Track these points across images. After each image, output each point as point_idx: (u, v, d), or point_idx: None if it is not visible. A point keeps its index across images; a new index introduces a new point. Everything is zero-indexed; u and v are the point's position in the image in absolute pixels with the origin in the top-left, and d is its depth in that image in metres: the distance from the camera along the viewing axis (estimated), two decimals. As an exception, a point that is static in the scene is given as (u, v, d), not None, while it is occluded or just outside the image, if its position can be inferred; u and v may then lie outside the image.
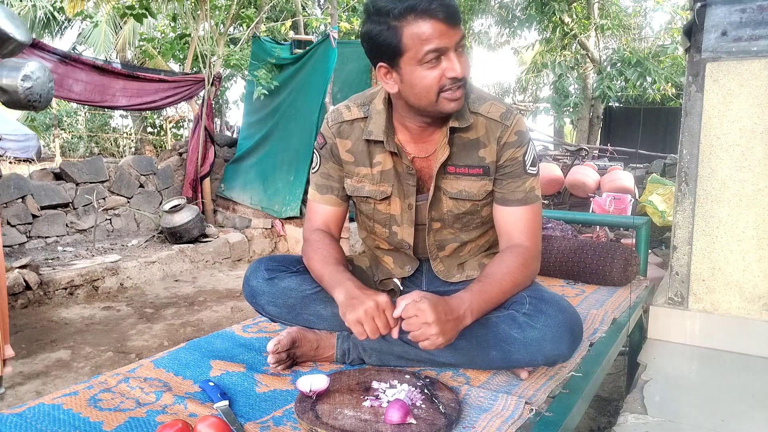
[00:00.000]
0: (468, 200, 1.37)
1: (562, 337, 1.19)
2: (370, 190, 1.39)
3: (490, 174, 1.35)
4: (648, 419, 1.51)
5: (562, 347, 1.19)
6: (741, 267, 1.96)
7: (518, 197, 1.34)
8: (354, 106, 1.39)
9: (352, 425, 1.02)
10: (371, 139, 1.34)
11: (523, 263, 1.28)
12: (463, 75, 1.20)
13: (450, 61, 1.18)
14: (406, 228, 1.41)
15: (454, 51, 1.18)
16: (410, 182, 1.37)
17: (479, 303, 1.19)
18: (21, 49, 2.66)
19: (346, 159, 1.40)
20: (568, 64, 10.19)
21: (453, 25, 1.16)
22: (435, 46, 1.16)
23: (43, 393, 2.52)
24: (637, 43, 11.54)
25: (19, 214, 4.73)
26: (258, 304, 1.42)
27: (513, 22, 11.50)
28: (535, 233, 1.34)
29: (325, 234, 1.42)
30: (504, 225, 1.36)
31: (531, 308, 1.22)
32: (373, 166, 1.38)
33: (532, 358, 1.21)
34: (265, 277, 1.39)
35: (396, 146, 1.33)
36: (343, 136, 1.39)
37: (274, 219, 5.76)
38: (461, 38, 1.19)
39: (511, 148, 1.33)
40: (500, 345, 1.21)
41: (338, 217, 1.46)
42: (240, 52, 6.55)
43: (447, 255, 1.47)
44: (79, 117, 13.09)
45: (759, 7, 1.87)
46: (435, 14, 1.14)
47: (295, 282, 1.39)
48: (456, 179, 1.36)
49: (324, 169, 1.44)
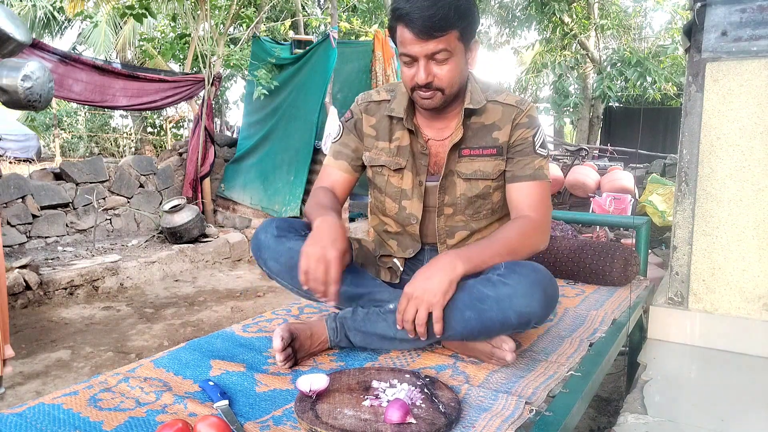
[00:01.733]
0: (482, 179, 1.45)
1: (534, 293, 1.21)
2: (386, 160, 1.50)
3: (503, 154, 1.44)
4: (648, 419, 1.51)
5: (533, 304, 1.21)
6: (741, 267, 1.96)
7: (528, 173, 1.42)
8: (383, 90, 1.55)
9: (352, 425, 1.02)
10: (393, 115, 1.47)
11: (524, 232, 1.35)
12: (431, 83, 1.31)
13: (418, 68, 1.30)
14: (416, 203, 1.49)
15: (428, 60, 1.28)
16: (423, 162, 1.47)
17: (467, 251, 1.27)
18: (21, 49, 2.67)
19: (369, 133, 1.53)
20: (568, 64, 10.20)
21: (426, 37, 1.25)
22: (406, 51, 1.30)
23: (43, 393, 2.52)
24: (637, 43, 11.54)
25: (19, 214, 4.73)
26: (261, 258, 1.45)
27: (513, 22, 11.51)
28: (540, 207, 1.41)
29: (329, 191, 1.52)
30: (513, 200, 1.44)
31: (505, 270, 1.26)
32: (392, 141, 1.50)
33: (505, 316, 1.22)
34: (274, 234, 1.43)
35: (414, 125, 1.45)
36: (370, 113, 1.53)
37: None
38: (438, 51, 1.27)
39: (523, 128, 1.43)
40: (474, 304, 1.23)
41: (345, 182, 1.56)
42: (240, 52, 6.55)
43: (455, 243, 1.50)
44: (79, 117, 13.09)
45: (759, 7, 1.87)
46: (410, 24, 1.25)
47: (300, 245, 1.41)
48: (471, 161, 1.45)
49: (344, 140, 1.56)
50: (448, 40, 1.26)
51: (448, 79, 1.31)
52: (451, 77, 1.32)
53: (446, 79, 1.31)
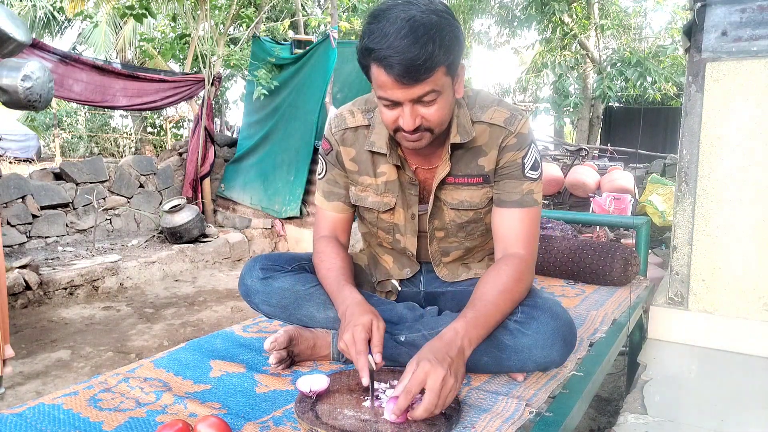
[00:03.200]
0: (470, 209, 1.36)
1: (553, 344, 1.18)
2: (374, 201, 1.39)
3: (491, 181, 1.33)
4: (648, 419, 1.51)
5: (553, 354, 1.18)
6: (741, 267, 1.96)
7: (514, 198, 1.30)
8: (358, 111, 1.37)
9: (352, 425, 1.02)
10: (374, 150, 1.33)
11: (519, 278, 1.23)
12: (419, 126, 1.15)
13: (403, 113, 1.13)
14: (410, 238, 1.42)
15: (414, 104, 1.12)
16: (413, 192, 1.36)
17: (476, 331, 1.12)
18: (21, 49, 2.66)
19: (350, 168, 1.40)
20: (568, 64, 10.20)
21: (409, 83, 1.07)
22: (386, 96, 1.12)
23: (43, 393, 2.52)
24: (637, 43, 11.53)
25: (19, 214, 4.73)
26: (253, 303, 1.43)
27: (513, 22, 11.49)
28: (531, 240, 1.30)
29: (332, 241, 1.42)
30: (499, 228, 1.32)
31: (523, 316, 1.21)
32: (377, 176, 1.37)
33: (523, 365, 1.21)
34: (260, 276, 1.40)
35: (399, 158, 1.32)
36: (347, 144, 1.38)
37: (274, 219, 5.76)
38: (426, 93, 1.09)
39: (511, 151, 1.29)
40: (491, 351, 1.20)
41: (345, 223, 1.47)
42: (240, 52, 6.55)
43: (451, 261, 1.47)
44: (79, 117, 13.08)
45: (759, 7, 1.87)
46: (388, 68, 1.06)
47: (289, 282, 1.40)
48: (456, 189, 1.34)
49: (330, 176, 1.44)
50: (435, 80, 1.09)
51: (437, 118, 1.15)
52: (440, 116, 1.15)
53: (435, 119, 1.15)
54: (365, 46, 1.09)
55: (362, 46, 1.10)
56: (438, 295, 1.50)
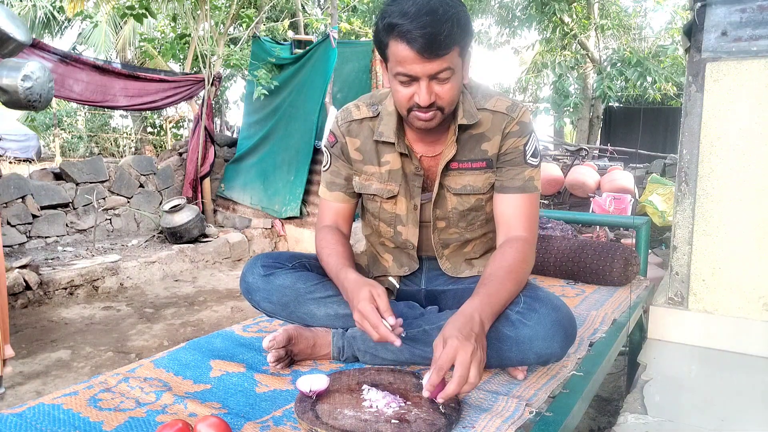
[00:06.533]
0: (473, 194, 1.40)
1: (554, 335, 1.19)
2: (378, 188, 1.43)
3: (493, 166, 1.38)
4: (648, 419, 1.51)
5: (554, 345, 1.19)
6: (741, 267, 1.96)
7: (517, 184, 1.36)
8: (363, 105, 1.44)
9: (352, 425, 1.02)
10: (382, 140, 1.38)
11: (523, 258, 1.28)
12: (433, 103, 1.21)
13: (420, 88, 1.19)
14: (411, 228, 1.45)
15: (430, 80, 1.18)
16: (417, 183, 1.40)
17: (490, 307, 1.16)
18: (21, 49, 2.66)
19: (355, 157, 1.45)
20: (568, 64, 10.19)
21: (429, 56, 1.14)
22: (405, 71, 1.18)
23: (43, 393, 2.52)
24: (637, 43, 11.53)
25: (19, 214, 4.73)
26: (254, 300, 1.44)
27: (513, 22, 11.49)
28: (532, 223, 1.37)
29: (334, 230, 1.46)
30: (502, 214, 1.37)
31: (524, 307, 1.22)
32: (381, 165, 1.42)
33: (524, 357, 1.21)
34: (261, 273, 1.41)
35: (406, 147, 1.37)
36: (353, 135, 1.44)
37: (274, 219, 5.76)
38: (442, 69, 1.16)
39: (513, 137, 1.36)
40: (493, 343, 1.20)
41: (347, 213, 1.51)
42: (240, 52, 6.55)
43: (451, 252, 1.49)
44: (79, 117, 13.09)
45: (759, 7, 1.87)
46: (411, 42, 1.13)
47: (290, 280, 1.40)
48: (459, 175, 1.39)
49: (334, 167, 1.48)
50: (451, 58, 1.16)
51: (449, 97, 1.22)
52: (452, 96, 1.23)
53: (448, 98, 1.22)
54: (388, 23, 1.16)
55: (384, 24, 1.17)
56: (439, 293, 1.50)
